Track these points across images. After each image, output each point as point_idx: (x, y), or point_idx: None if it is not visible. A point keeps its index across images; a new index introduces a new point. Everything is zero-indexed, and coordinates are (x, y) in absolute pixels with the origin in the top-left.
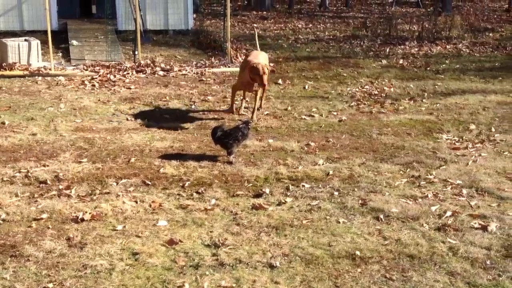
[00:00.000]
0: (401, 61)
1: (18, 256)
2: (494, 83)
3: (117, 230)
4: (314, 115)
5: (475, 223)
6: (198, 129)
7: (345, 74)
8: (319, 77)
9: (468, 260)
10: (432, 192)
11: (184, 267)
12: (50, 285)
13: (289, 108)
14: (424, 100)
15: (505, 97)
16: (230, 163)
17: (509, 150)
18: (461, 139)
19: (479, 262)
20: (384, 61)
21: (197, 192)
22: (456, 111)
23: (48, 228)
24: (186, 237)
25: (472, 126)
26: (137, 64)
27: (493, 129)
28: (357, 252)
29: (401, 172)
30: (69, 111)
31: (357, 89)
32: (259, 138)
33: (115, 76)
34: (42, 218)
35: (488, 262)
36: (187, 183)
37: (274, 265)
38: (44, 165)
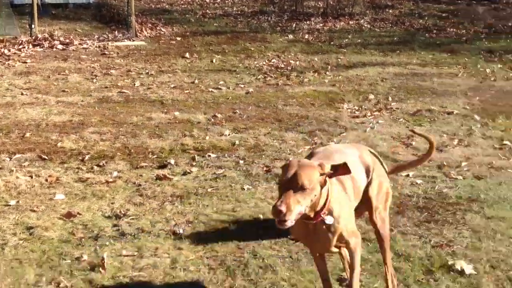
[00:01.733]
0: (306, 36)
1: None
2: (392, 56)
3: (10, 205)
4: (221, 87)
5: None
6: (99, 103)
7: (252, 48)
8: (227, 51)
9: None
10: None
11: (83, 239)
12: None
13: (196, 81)
14: (327, 73)
15: (402, 69)
16: None
17: (404, 117)
18: (360, 108)
19: None
20: (290, 36)
21: (98, 165)
22: (356, 83)
23: None
24: (85, 210)
25: (371, 96)
26: (33, 37)
27: (390, 98)
28: (261, 216)
29: (304, 139)
30: None
31: (264, 63)
32: (165, 110)
33: (9, 51)
34: None
35: None
36: (87, 157)
37: (178, 232)
38: None
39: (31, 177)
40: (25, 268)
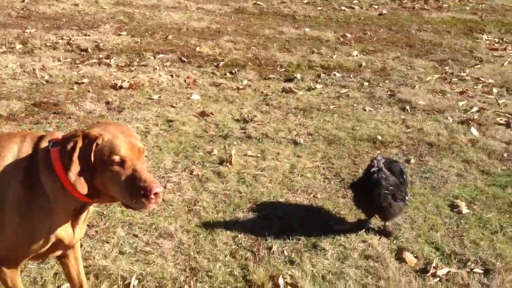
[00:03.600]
0: None
1: (61, 113)
2: None
3: (153, 99)
4: (354, 7)
5: (500, 119)
6: (235, 13)
7: None
8: None
9: (485, 152)
10: (462, 88)
11: (214, 136)
12: None
13: None
14: None
15: None
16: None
17: None
18: (501, 41)
19: (496, 154)
20: None
21: (231, 72)
22: (501, 13)
23: (89, 91)
24: (217, 111)
25: None
26: None
27: None
28: (379, 137)
29: (434, 68)
30: None
31: None
32: (296, 26)
33: None
34: (83, 83)
35: (505, 155)
36: (221, 63)
37: (298, 142)
38: (85, 35)
39: (172, 76)
40: (164, 154)
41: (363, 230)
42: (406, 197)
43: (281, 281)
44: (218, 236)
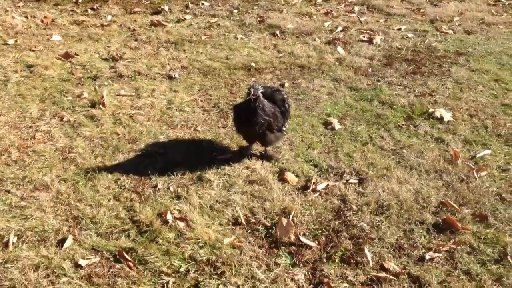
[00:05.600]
0: None
1: None
2: None
3: (8, 44)
4: None
5: (363, 36)
6: None
7: None
8: None
9: (352, 69)
10: (327, 9)
11: (82, 79)
12: None
13: None
14: None
15: None
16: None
17: None
18: None
19: (362, 70)
20: None
21: (92, 9)
22: None
23: None
24: (82, 51)
25: None
26: None
27: None
28: (253, 64)
29: None
30: None
31: None
32: None
33: None
34: None
35: (369, 70)
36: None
37: (173, 76)
38: None
39: (27, 17)
40: (28, 103)
41: (246, 157)
42: (284, 127)
43: (169, 216)
44: (99, 182)
